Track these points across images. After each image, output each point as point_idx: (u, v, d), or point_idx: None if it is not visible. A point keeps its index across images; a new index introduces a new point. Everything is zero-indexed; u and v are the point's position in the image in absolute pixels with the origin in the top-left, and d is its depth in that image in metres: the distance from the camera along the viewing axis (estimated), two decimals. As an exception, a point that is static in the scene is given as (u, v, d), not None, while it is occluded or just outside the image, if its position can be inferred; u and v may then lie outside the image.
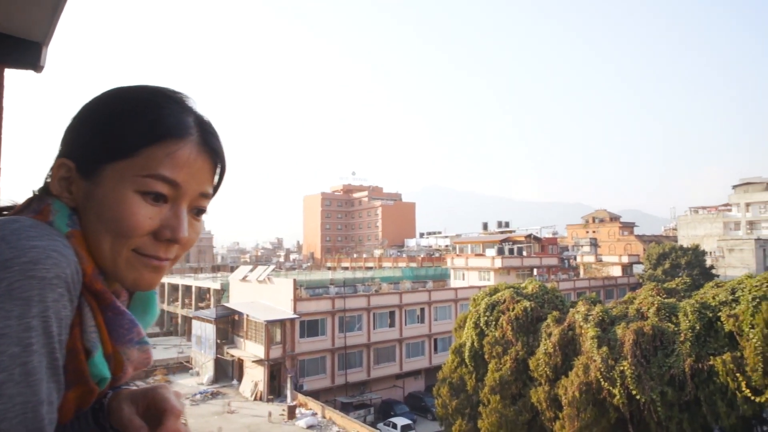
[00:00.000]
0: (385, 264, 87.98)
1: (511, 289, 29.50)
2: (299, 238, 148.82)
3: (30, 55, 1.87)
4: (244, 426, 30.11)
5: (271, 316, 37.02)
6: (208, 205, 1.00)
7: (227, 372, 41.07)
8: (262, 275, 42.42)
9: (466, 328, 29.18)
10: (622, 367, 21.77)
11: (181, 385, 39.70)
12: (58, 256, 0.79)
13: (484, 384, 27.17)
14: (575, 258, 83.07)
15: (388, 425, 35.62)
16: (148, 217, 0.89)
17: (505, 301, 28.16)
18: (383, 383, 42.97)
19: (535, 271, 59.28)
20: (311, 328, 39.02)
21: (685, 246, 65.26)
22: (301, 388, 36.10)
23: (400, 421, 36.00)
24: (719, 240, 74.87)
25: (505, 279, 49.36)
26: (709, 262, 65.22)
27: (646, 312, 24.91)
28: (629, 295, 30.15)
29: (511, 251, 61.09)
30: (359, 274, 61.75)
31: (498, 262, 56.73)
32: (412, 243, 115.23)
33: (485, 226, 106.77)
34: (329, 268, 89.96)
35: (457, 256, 63.88)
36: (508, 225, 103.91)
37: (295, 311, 37.74)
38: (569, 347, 24.58)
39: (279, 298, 39.10)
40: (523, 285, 30.36)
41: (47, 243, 0.80)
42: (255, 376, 37.13)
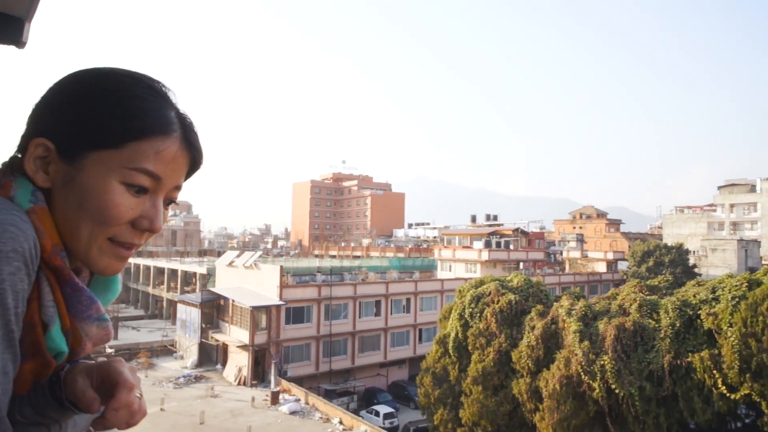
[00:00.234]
0: (372, 253, 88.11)
1: (497, 281, 29.75)
2: (287, 224, 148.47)
3: (12, 31, 1.84)
4: (227, 410, 30.18)
5: (257, 302, 36.99)
6: (178, 195, 1.03)
7: (211, 356, 41.05)
8: (249, 261, 42.30)
9: (450, 319, 29.41)
10: (602, 362, 22.11)
11: (165, 368, 39.63)
12: (16, 231, 0.81)
13: (466, 374, 27.46)
14: (561, 253, 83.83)
15: (371, 413, 35.90)
16: (131, 207, 0.92)
17: (490, 293, 28.40)
18: (367, 371, 43.25)
19: (521, 264, 59.76)
20: (297, 315, 39.08)
21: (669, 244, 66.16)
22: (285, 374, 36.21)
23: (383, 409, 36.30)
24: (703, 239, 75.94)
25: (491, 272, 49.71)
26: (692, 261, 66.19)
27: (629, 308, 25.27)
28: (612, 291, 30.55)
29: (498, 244, 61.47)
30: (346, 263, 61.86)
31: (485, 255, 57.07)
32: (400, 233, 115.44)
33: (473, 219, 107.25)
34: (317, 256, 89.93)
35: (445, 247, 64.15)
36: (496, 218, 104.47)
37: (281, 298, 37.74)
38: (552, 341, 24.89)
39: (265, 284, 39.06)
40: (508, 278, 30.62)
41: (4, 217, 0.81)
42: (239, 361, 37.17)
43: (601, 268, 72.09)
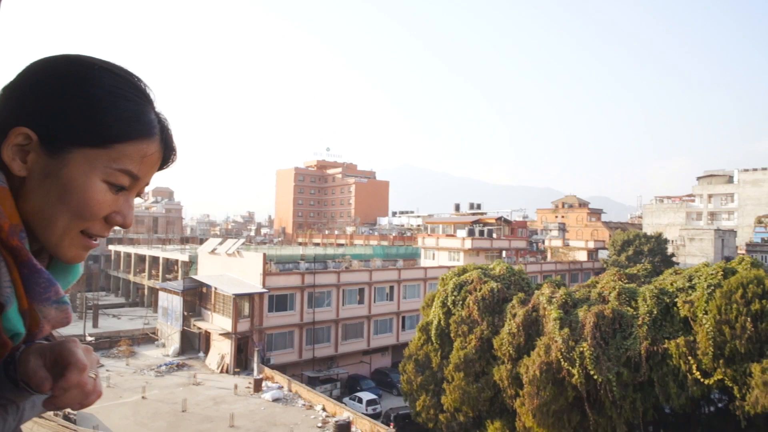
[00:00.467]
0: (356, 241, 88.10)
1: (479, 270, 29.99)
2: (271, 212, 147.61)
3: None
4: (210, 398, 30.12)
5: (239, 289, 36.81)
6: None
7: (193, 344, 40.84)
8: (232, 248, 42.00)
9: (433, 307, 29.62)
10: (581, 348, 22.49)
11: (147, 356, 39.35)
12: None
13: (448, 361, 27.74)
14: (543, 242, 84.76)
15: (354, 400, 36.13)
16: (109, 205, 0.95)
17: (472, 281, 28.63)
18: (350, 359, 43.45)
19: (504, 253, 60.29)
20: (280, 302, 39.00)
21: (648, 234, 67.25)
22: (268, 361, 36.20)
23: (366, 395, 36.55)
24: (681, 229, 77.33)
25: (474, 260, 50.10)
26: (670, 250, 67.43)
27: (608, 296, 25.70)
28: (592, 280, 31.04)
29: (481, 233, 61.86)
30: (330, 251, 61.76)
31: (468, 243, 57.41)
32: (384, 221, 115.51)
33: (457, 207, 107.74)
34: (300, 244, 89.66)
35: (429, 235, 64.39)
36: (479, 207, 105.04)
37: (264, 285, 37.60)
38: (532, 328, 25.24)
39: (248, 272, 38.86)
40: (491, 266, 30.88)
41: None
42: (222, 349, 37.04)
43: (582, 256, 73.08)
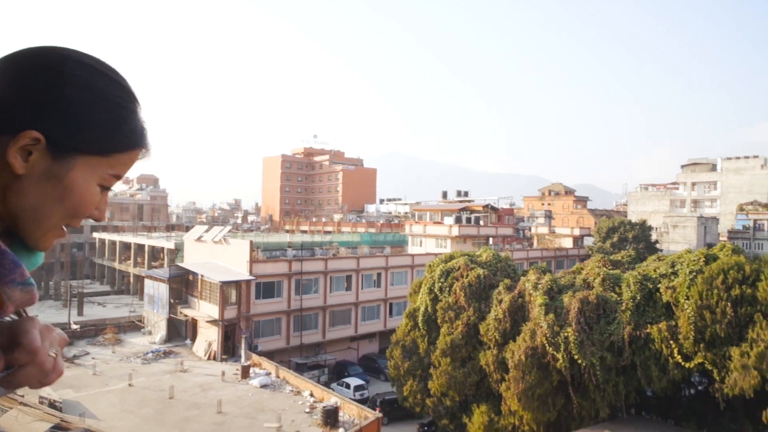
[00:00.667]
0: (344, 229, 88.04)
1: (466, 257, 30.18)
2: (258, 199, 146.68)
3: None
4: (197, 385, 30.09)
5: (226, 277, 36.67)
6: None
7: (180, 331, 40.69)
8: (218, 236, 41.75)
9: (420, 294, 29.79)
10: (566, 333, 22.82)
11: (133, 344, 39.13)
12: None
13: (435, 347, 27.99)
14: (530, 229, 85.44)
15: (342, 385, 36.35)
16: (96, 203, 1.02)
17: (459, 268, 28.81)
18: (338, 345, 43.62)
19: (490, 240, 60.68)
20: (267, 289, 38.94)
21: (633, 221, 68.12)
22: (255, 348, 36.22)
23: (354, 381, 36.78)
24: (665, 216, 78.37)
25: (461, 247, 50.36)
26: (654, 237, 68.36)
27: (592, 282, 26.04)
28: (577, 266, 31.38)
29: (468, 220, 62.13)
30: (317, 238, 61.68)
31: (455, 231, 57.65)
32: (371, 209, 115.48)
33: (445, 195, 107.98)
34: (287, 231, 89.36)
35: (416, 223, 64.51)
36: (467, 194, 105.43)
37: (251, 273, 37.48)
38: (518, 314, 25.52)
39: (235, 259, 38.69)
40: (477, 253, 31.09)
41: None
42: (209, 336, 36.96)
43: (568, 243, 73.80)
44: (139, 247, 63.80)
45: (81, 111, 0.94)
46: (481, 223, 63.35)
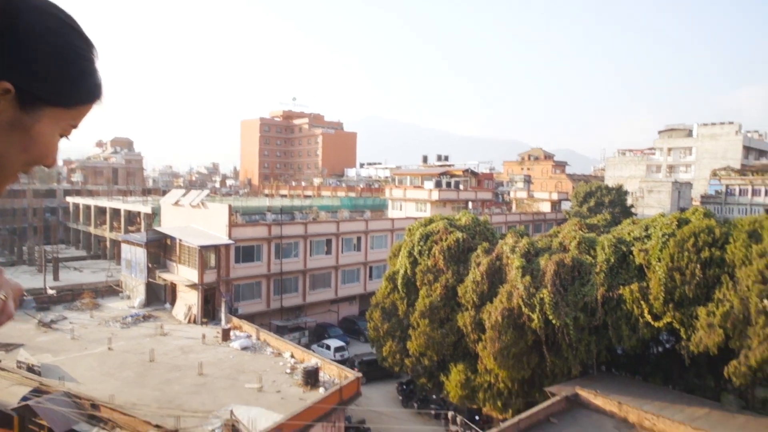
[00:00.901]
0: (324, 193, 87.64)
1: (446, 220, 30.38)
2: (236, 163, 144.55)
3: None
4: (177, 348, 30.22)
5: (205, 241, 36.40)
6: None
7: (159, 296, 40.55)
8: (196, 200, 41.19)
9: (400, 257, 30.04)
10: (542, 295, 23.36)
11: (111, 308, 38.92)
12: None
13: (414, 309, 28.45)
14: (509, 193, 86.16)
15: (322, 347, 36.91)
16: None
17: (438, 231, 29.04)
18: (318, 308, 44.06)
19: (470, 204, 61.10)
20: (247, 253, 38.85)
21: (610, 186, 69.09)
22: (235, 311, 36.37)
23: (334, 343, 37.36)
24: (641, 181, 79.68)
25: (441, 211, 50.66)
26: (630, 202, 69.62)
27: (568, 245, 26.52)
28: (554, 230, 31.89)
29: (448, 184, 62.32)
30: (297, 202, 61.36)
31: (435, 195, 57.85)
32: (351, 173, 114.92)
33: (425, 159, 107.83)
34: (267, 196, 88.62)
35: (396, 187, 64.50)
36: (447, 159, 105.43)
37: (230, 237, 37.26)
38: (496, 276, 25.97)
39: (213, 223, 38.34)
40: (457, 217, 31.31)
41: None
42: (188, 300, 36.93)
43: (546, 207, 74.77)
44: (115, 212, 62.70)
45: (50, 63, 0.94)
46: (461, 187, 63.61)
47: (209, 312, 36.41)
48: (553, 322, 23.09)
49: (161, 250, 40.82)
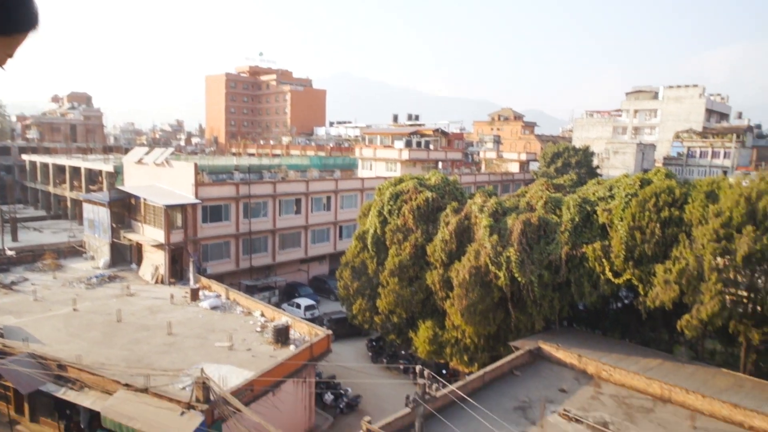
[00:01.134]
0: (292, 152, 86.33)
1: (415, 180, 30.44)
2: (202, 121, 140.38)
3: None
4: (145, 308, 29.95)
5: (171, 200, 35.62)
6: None
7: (125, 256, 39.81)
8: (160, 158, 40.01)
9: (370, 216, 30.10)
10: (508, 254, 23.87)
11: (75, 269, 38.08)
12: None
13: (384, 268, 28.76)
14: (478, 153, 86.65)
15: (293, 305, 37.18)
16: None
17: (408, 191, 29.11)
18: (288, 267, 44.11)
19: (440, 164, 61.27)
20: (214, 213, 38.27)
21: (577, 147, 70.13)
22: (204, 271, 36.09)
23: (304, 301, 37.66)
24: (607, 143, 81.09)
25: (411, 171, 50.68)
26: (596, 163, 70.97)
27: (535, 205, 27.01)
28: (522, 190, 32.36)
29: (418, 144, 62.17)
30: (266, 161, 60.32)
31: (405, 154, 57.71)
32: (321, 132, 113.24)
33: (395, 118, 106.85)
34: (234, 154, 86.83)
35: (366, 146, 63.99)
36: (417, 118, 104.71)
37: (197, 196, 36.54)
38: (464, 235, 26.35)
39: (179, 182, 37.45)
40: (426, 177, 31.39)
41: None
42: (155, 260, 36.39)
43: (515, 168, 75.63)
44: (75, 170, 60.50)
45: None
46: (431, 147, 63.58)
47: (177, 272, 36.03)
48: (519, 279, 23.72)
49: (125, 209, 39.82)
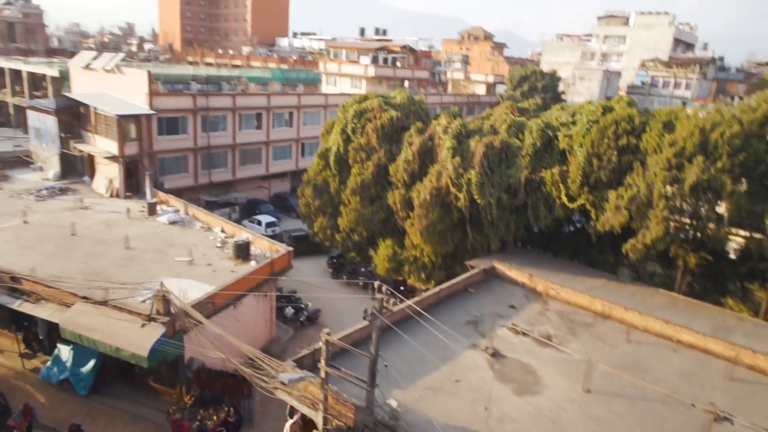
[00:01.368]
0: (253, 63, 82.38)
1: (380, 98, 29.76)
2: (155, 25, 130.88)
3: None
4: (101, 221, 29.25)
5: (123, 110, 33.83)
6: None
7: (76, 168, 38.19)
8: (110, 64, 37.44)
9: (333, 134, 29.57)
10: (469, 176, 24.14)
11: (23, 180, 36.42)
12: None
13: (346, 186, 28.73)
14: (446, 73, 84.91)
15: (253, 222, 37.10)
16: None
17: (373, 109, 28.54)
18: (249, 184, 43.53)
19: (406, 82, 59.91)
20: (171, 125, 36.73)
21: (545, 71, 69.52)
22: (161, 186, 35.18)
23: (265, 218, 37.60)
24: (574, 68, 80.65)
25: (376, 88, 49.43)
26: (561, 88, 70.87)
27: (499, 128, 27.04)
28: (487, 112, 32.21)
29: (385, 61, 60.25)
30: (225, 72, 57.45)
31: (371, 71, 56.02)
32: (284, 43, 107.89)
33: (362, 32, 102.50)
34: (191, 63, 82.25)
35: (331, 61, 61.62)
36: (385, 33, 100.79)
37: (151, 107, 34.80)
38: (427, 156, 26.35)
39: (131, 91, 35.42)
40: (392, 95, 30.71)
41: None
42: (109, 173, 35.12)
43: (481, 90, 74.83)
44: (16, 74, 56.21)
45: None
46: (398, 64, 61.80)
47: (133, 186, 35.01)
48: (478, 201, 24.18)
49: (74, 118, 37.69)
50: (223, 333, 15.18)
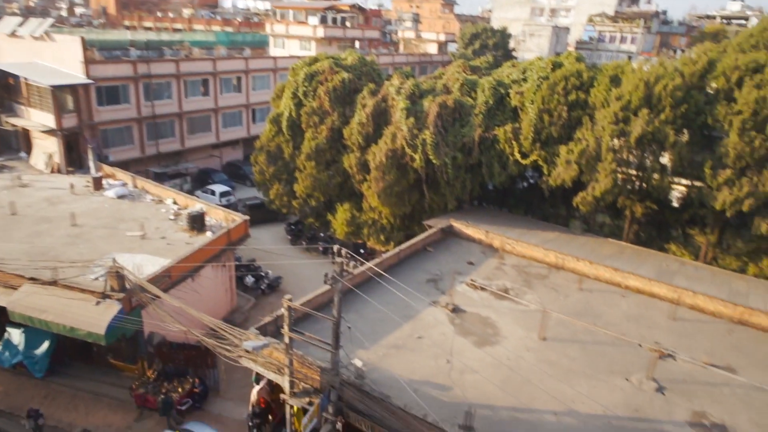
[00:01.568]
0: (196, 27, 78.59)
1: (331, 60, 29.08)
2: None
3: None
4: (43, 199, 27.82)
5: (57, 80, 31.80)
6: None
7: (10, 143, 35.95)
8: (39, 30, 34.88)
9: (284, 98, 28.84)
10: (424, 136, 24.15)
11: (-49, 158, 34.06)
12: None
13: (300, 152, 28.28)
14: (397, 33, 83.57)
15: (207, 192, 36.17)
16: None
17: (324, 72, 27.90)
18: (199, 153, 42.19)
19: (357, 43, 58.67)
20: (111, 95, 34.85)
21: (496, 28, 69.39)
22: (106, 159, 33.62)
23: (219, 188, 36.70)
24: (524, 25, 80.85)
25: (326, 49, 48.19)
26: (512, 45, 71.07)
27: (451, 87, 26.99)
28: (439, 71, 32.05)
29: (334, 21, 58.67)
30: (165, 37, 54.59)
31: (320, 32, 54.50)
32: (227, 4, 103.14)
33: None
34: (128, 28, 77.64)
35: (278, 22, 59.46)
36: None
37: (88, 76, 32.82)
38: (381, 118, 26.14)
39: (65, 59, 33.24)
40: (343, 56, 30.04)
41: None
42: (48, 148, 33.23)
43: (433, 49, 74.19)
44: (-68, 43, 51.66)
45: None
46: (348, 24, 60.33)
47: (75, 160, 33.33)
48: (434, 161, 24.31)
49: (4, 90, 35.21)
50: (183, 305, 14.95)
